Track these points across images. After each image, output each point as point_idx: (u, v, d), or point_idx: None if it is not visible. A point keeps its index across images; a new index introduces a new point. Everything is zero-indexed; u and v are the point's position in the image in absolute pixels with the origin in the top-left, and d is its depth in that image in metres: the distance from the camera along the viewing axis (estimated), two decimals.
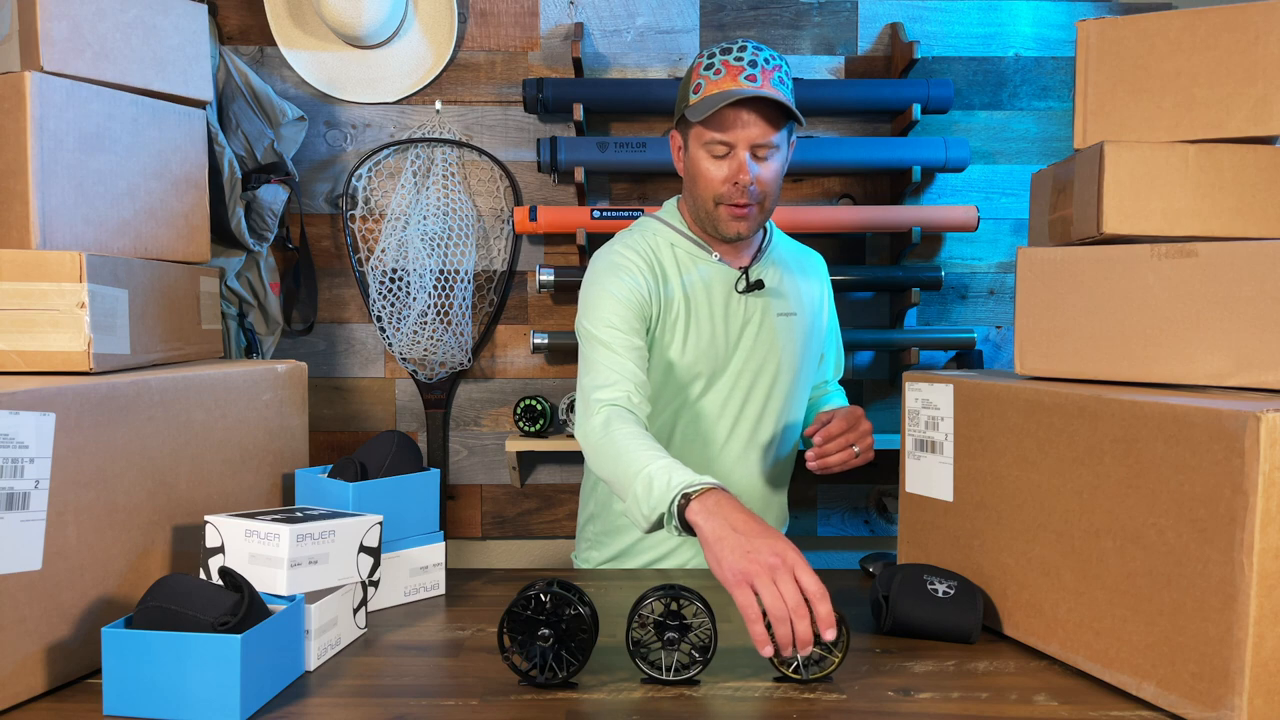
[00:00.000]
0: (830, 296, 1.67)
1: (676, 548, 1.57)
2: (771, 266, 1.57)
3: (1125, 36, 1.17)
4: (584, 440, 1.33)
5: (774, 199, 1.46)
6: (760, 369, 1.53)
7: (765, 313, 1.53)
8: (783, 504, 1.64)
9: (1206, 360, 1.05)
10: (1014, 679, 1.06)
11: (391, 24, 2.20)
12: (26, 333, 1.16)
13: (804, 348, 1.57)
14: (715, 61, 1.40)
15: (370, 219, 2.29)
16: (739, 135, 1.38)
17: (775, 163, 1.43)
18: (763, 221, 1.49)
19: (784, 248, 1.63)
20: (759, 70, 1.38)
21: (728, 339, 1.50)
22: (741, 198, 1.41)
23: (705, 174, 1.43)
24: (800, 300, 1.58)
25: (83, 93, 1.28)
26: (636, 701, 0.99)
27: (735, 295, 1.51)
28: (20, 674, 0.98)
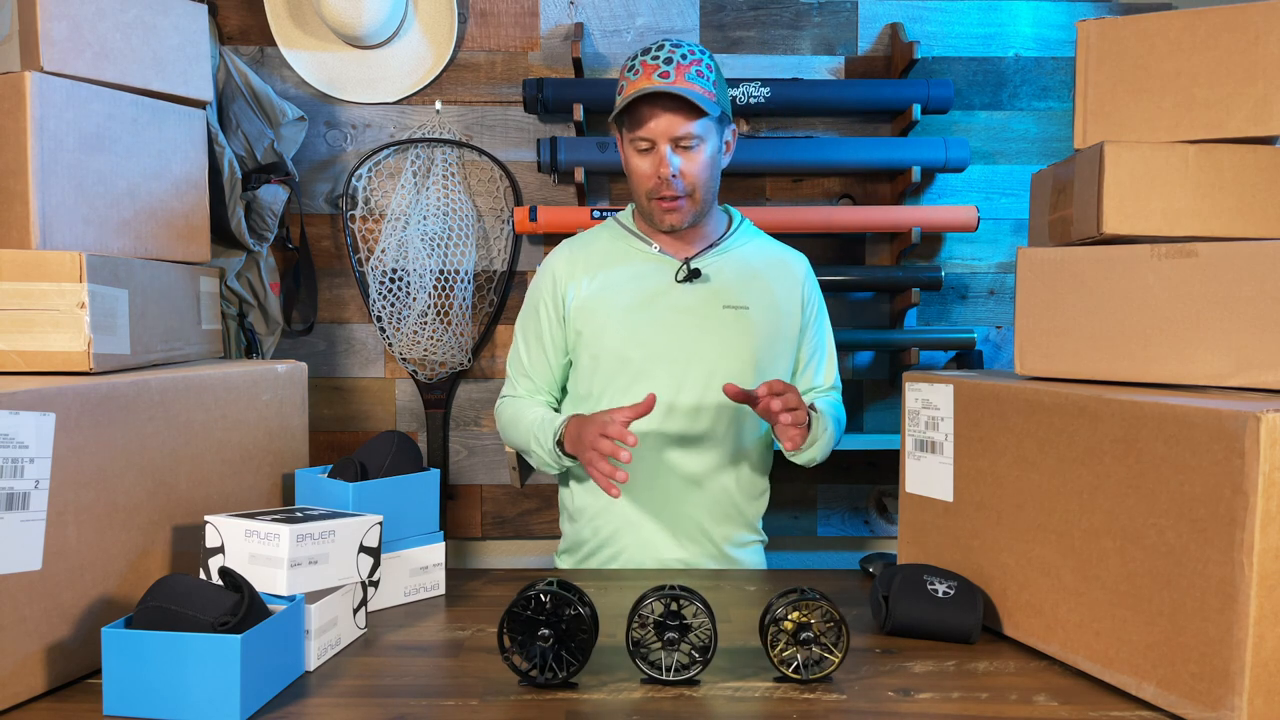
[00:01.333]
0: (811, 300, 1.64)
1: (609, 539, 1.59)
2: (724, 259, 1.59)
3: (1125, 36, 1.17)
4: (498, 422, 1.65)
5: (706, 189, 1.53)
6: (698, 358, 1.53)
7: (709, 304, 1.55)
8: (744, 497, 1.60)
9: (1206, 360, 1.05)
10: (1014, 679, 1.06)
11: (391, 24, 2.20)
12: (26, 333, 1.16)
13: (759, 343, 1.56)
14: (635, 63, 1.49)
15: (370, 219, 2.29)
16: (654, 130, 1.47)
17: (701, 154, 1.50)
18: (698, 212, 1.54)
19: (753, 245, 1.64)
20: (673, 66, 1.46)
21: (663, 329, 1.54)
22: (668, 190, 1.49)
23: (635, 170, 1.52)
24: (759, 296, 1.58)
25: (83, 93, 1.28)
26: (636, 701, 0.99)
27: (675, 286, 1.55)
28: (20, 674, 0.98)
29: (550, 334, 1.60)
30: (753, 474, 1.61)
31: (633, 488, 1.54)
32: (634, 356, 1.53)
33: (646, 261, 1.58)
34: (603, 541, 1.58)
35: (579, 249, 1.63)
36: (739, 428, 1.57)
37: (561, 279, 1.60)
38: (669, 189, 1.49)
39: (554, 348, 1.61)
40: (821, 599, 1.03)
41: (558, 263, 1.62)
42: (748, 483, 1.61)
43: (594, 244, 1.63)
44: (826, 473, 2.36)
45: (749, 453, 1.59)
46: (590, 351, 1.56)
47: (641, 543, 1.56)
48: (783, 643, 1.03)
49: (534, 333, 1.62)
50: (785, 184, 2.32)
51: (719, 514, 1.57)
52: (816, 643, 1.02)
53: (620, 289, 1.56)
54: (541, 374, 1.62)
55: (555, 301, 1.60)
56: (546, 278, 1.62)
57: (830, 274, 2.22)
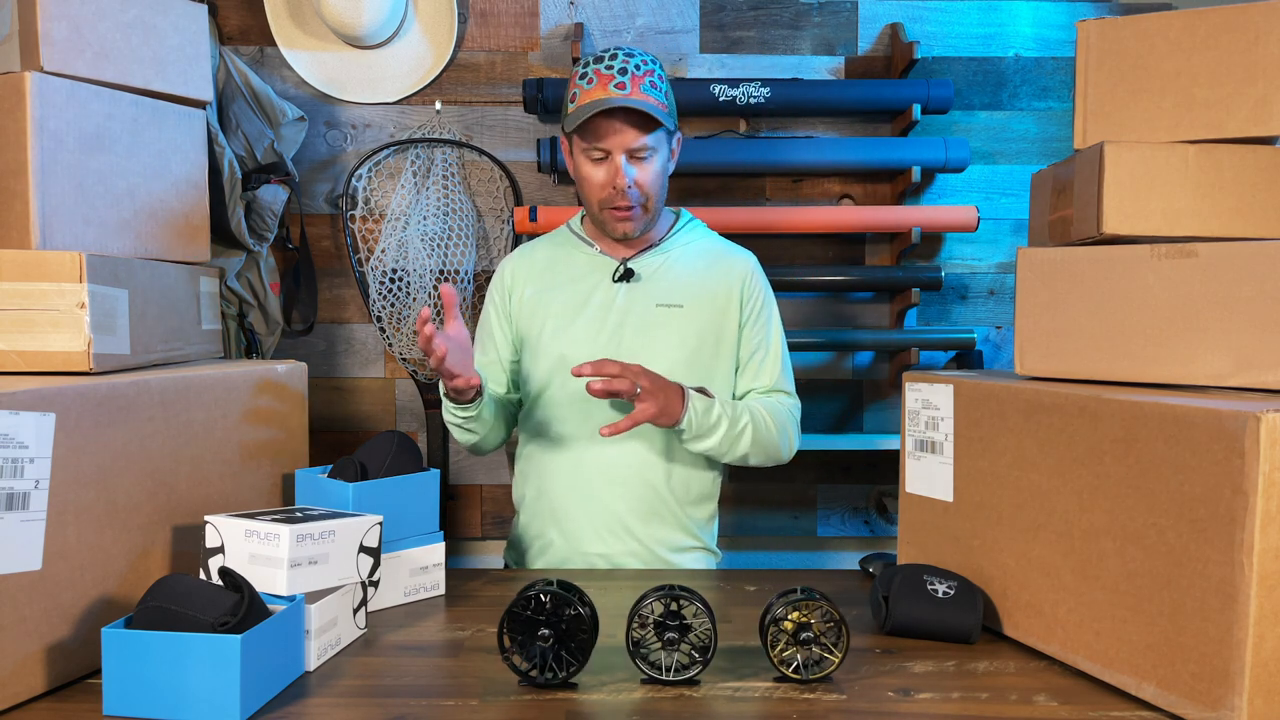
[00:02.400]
0: (751, 298, 1.62)
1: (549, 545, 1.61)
2: (661, 259, 1.61)
3: (1125, 37, 1.17)
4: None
5: (657, 198, 1.56)
6: (629, 356, 1.53)
7: (641, 302, 1.58)
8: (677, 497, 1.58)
9: (1206, 360, 1.05)
10: (1014, 679, 1.06)
11: (391, 24, 2.20)
12: (26, 333, 1.16)
13: (692, 341, 1.56)
14: (589, 70, 1.50)
15: (370, 219, 2.29)
16: (611, 142, 1.49)
17: (653, 164, 1.53)
18: (649, 221, 1.58)
19: (695, 244, 1.65)
20: (629, 77, 1.47)
21: (602, 326, 1.57)
22: (622, 200, 1.52)
23: (587, 178, 1.54)
24: (694, 295, 1.58)
25: (83, 93, 1.28)
26: (636, 701, 0.99)
27: (611, 285, 1.59)
28: (20, 674, 0.98)
29: (500, 332, 1.64)
30: (687, 475, 1.59)
31: (559, 480, 1.58)
32: (569, 353, 1.55)
33: (586, 261, 1.62)
34: (536, 533, 1.61)
35: (527, 253, 1.69)
36: None
37: (509, 280, 1.65)
38: (623, 199, 1.52)
39: (504, 345, 1.64)
40: (821, 599, 1.04)
41: (508, 266, 1.68)
42: (680, 483, 1.58)
43: (541, 249, 1.68)
44: (826, 473, 2.36)
45: (681, 453, 1.57)
46: (531, 350, 1.61)
47: (566, 535, 1.57)
48: (783, 643, 1.03)
49: (485, 332, 1.67)
50: (785, 184, 2.32)
51: (643, 511, 1.56)
52: (816, 643, 1.03)
53: (559, 290, 1.61)
54: (492, 372, 1.64)
55: (503, 299, 1.65)
56: (497, 279, 1.68)
57: (830, 274, 2.22)
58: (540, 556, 1.61)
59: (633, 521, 1.56)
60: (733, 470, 1.72)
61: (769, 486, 2.35)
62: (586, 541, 1.57)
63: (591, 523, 1.56)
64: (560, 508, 1.58)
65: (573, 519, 1.57)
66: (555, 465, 1.59)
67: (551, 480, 1.59)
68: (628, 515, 1.56)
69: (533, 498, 1.62)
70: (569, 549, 1.58)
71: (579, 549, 1.57)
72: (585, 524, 1.57)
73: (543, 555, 1.60)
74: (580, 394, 1.53)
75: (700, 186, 2.31)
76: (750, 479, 2.33)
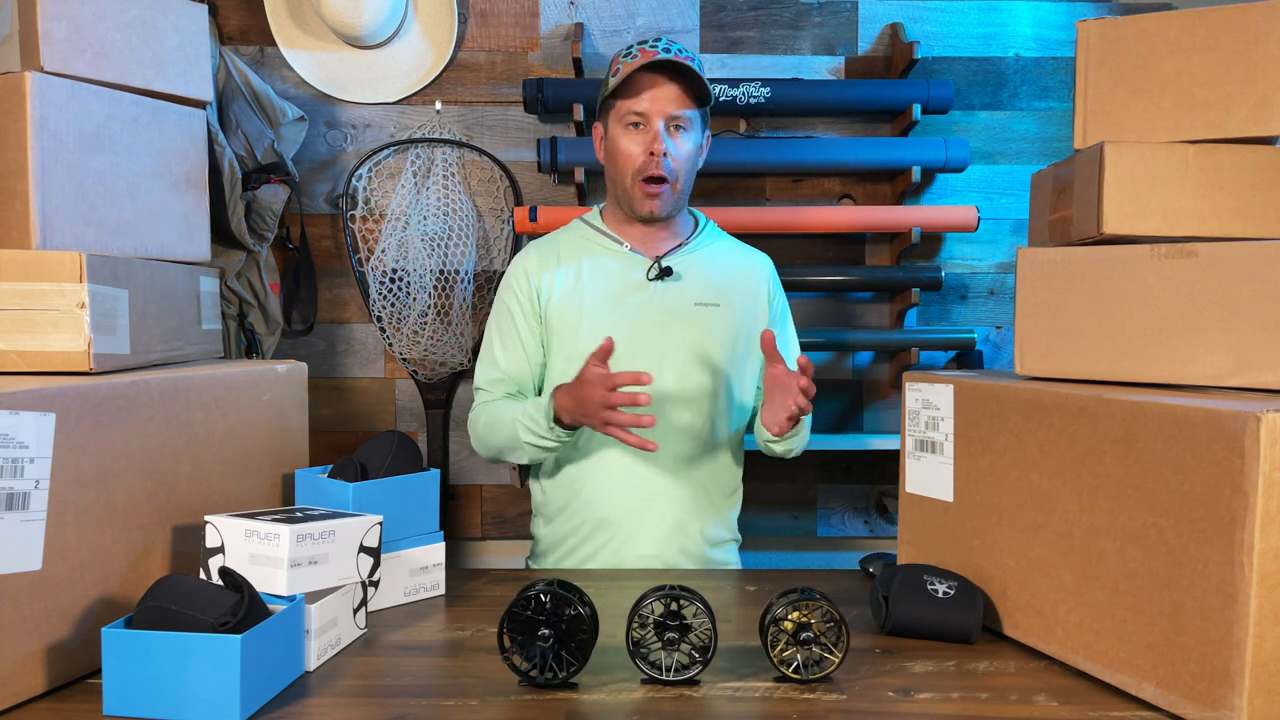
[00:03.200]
0: (776, 296, 1.66)
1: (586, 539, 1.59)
2: (693, 258, 1.61)
3: (1125, 37, 1.16)
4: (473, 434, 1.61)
5: (685, 181, 1.55)
6: (671, 355, 1.54)
7: (681, 301, 1.57)
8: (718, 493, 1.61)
9: (1206, 360, 1.05)
10: (1014, 679, 1.06)
11: (391, 24, 2.20)
12: (26, 333, 1.16)
13: (729, 340, 1.58)
14: (633, 49, 1.52)
15: (370, 219, 2.29)
16: (653, 104, 1.49)
17: (688, 142, 1.52)
18: (676, 203, 1.56)
19: (718, 244, 1.66)
20: (672, 55, 1.48)
21: (637, 326, 1.55)
22: (658, 169, 1.50)
23: (623, 150, 1.52)
24: (727, 294, 1.59)
25: (83, 93, 1.28)
26: (636, 701, 0.99)
27: (647, 284, 1.56)
28: (20, 674, 0.98)
29: (528, 331, 1.59)
30: (727, 470, 1.62)
31: (609, 485, 1.55)
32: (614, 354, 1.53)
33: (617, 259, 1.59)
34: (582, 540, 1.58)
35: (547, 246, 1.63)
36: (714, 422, 1.57)
37: (534, 275, 1.60)
38: (658, 168, 1.50)
39: (533, 345, 1.60)
40: (821, 599, 1.04)
41: (528, 261, 1.62)
42: (723, 478, 1.61)
43: (562, 243, 1.63)
44: (826, 473, 2.36)
45: (723, 448, 1.60)
46: (564, 353, 1.57)
47: (618, 542, 1.56)
48: (783, 643, 1.03)
49: (510, 332, 1.61)
50: (785, 184, 2.32)
51: (695, 509, 1.57)
52: (816, 643, 1.02)
53: (592, 287, 1.57)
54: (519, 374, 1.60)
55: (531, 298, 1.59)
56: (518, 276, 1.61)
57: (830, 274, 2.22)
58: (588, 561, 1.58)
59: (687, 520, 1.56)
60: None
61: (769, 486, 2.35)
62: (641, 544, 1.55)
63: (647, 525, 1.55)
64: (611, 513, 1.55)
65: (625, 524, 1.55)
66: (603, 470, 1.55)
67: (600, 485, 1.56)
68: (683, 515, 1.56)
69: (576, 504, 1.58)
70: (621, 553, 1.56)
71: (634, 552, 1.56)
72: (641, 527, 1.55)
73: (590, 560, 1.58)
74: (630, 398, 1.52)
75: (700, 186, 2.31)
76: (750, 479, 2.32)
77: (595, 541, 1.57)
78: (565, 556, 1.61)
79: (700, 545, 1.58)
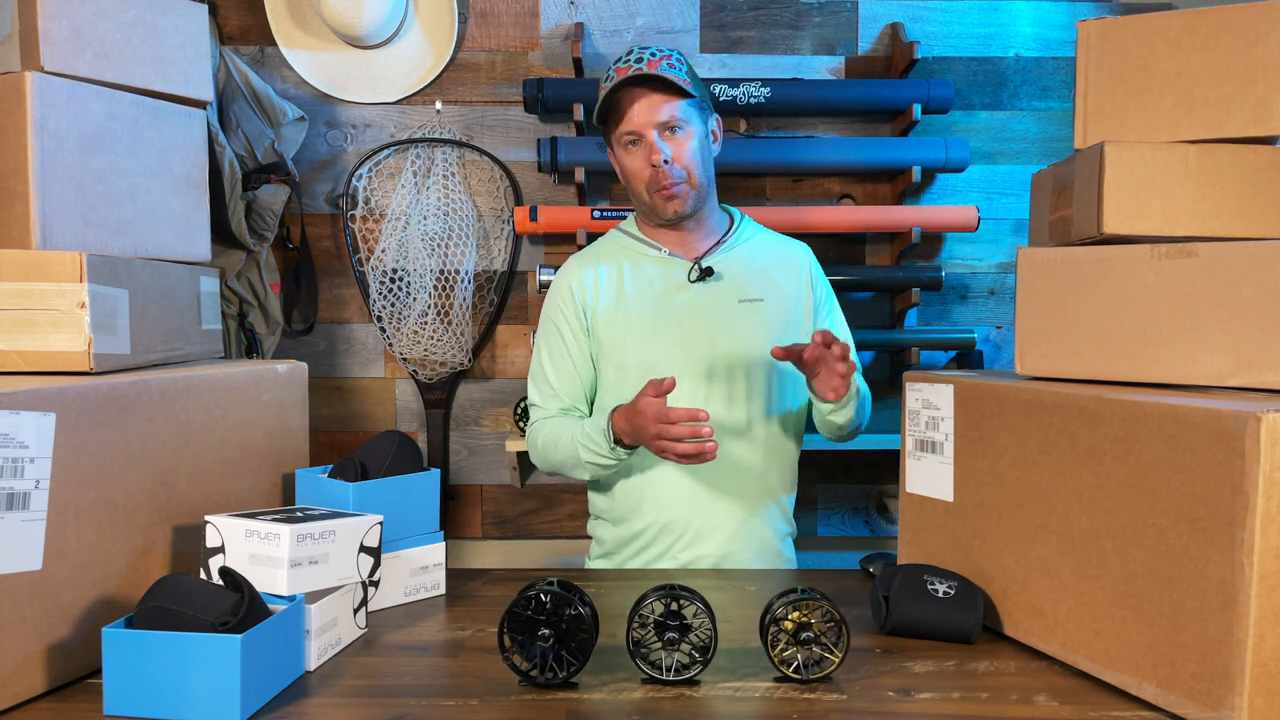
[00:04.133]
0: (818, 282, 1.67)
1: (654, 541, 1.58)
2: (732, 255, 1.61)
3: (1125, 36, 1.16)
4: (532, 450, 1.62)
5: (701, 173, 1.54)
6: (721, 353, 1.54)
7: (724, 300, 1.57)
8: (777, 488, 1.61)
9: (1206, 360, 1.05)
10: (1014, 679, 1.06)
11: (392, 24, 2.20)
12: (27, 333, 1.16)
13: (776, 332, 1.58)
14: (610, 71, 1.53)
15: (370, 219, 2.29)
16: (639, 118, 1.50)
17: (689, 140, 1.52)
18: (699, 198, 1.56)
19: (756, 239, 1.66)
20: (644, 63, 1.49)
21: (683, 329, 1.55)
22: (665, 179, 1.50)
23: (630, 169, 1.54)
24: (770, 287, 1.60)
25: (83, 93, 1.28)
26: (636, 701, 0.99)
27: (689, 286, 1.56)
28: (20, 674, 0.98)
29: (577, 347, 1.60)
30: (789, 463, 1.63)
31: (673, 490, 1.55)
32: (658, 360, 1.53)
33: (656, 265, 1.59)
34: (649, 540, 1.57)
35: (589, 260, 1.63)
36: (768, 417, 1.58)
37: (579, 290, 1.60)
38: (665, 177, 1.50)
39: (582, 360, 1.60)
40: (821, 599, 1.04)
41: (571, 276, 1.62)
42: (785, 472, 1.62)
43: (602, 254, 1.63)
44: (826, 473, 2.36)
45: (786, 441, 1.61)
46: (614, 362, 1.57)
47: (684, 543, 1.56)
48: (783, 643, 1.03)
49: (559, 350, 1.61)
50: (785, 184, 2.32)
51: (761, 506, 1.58)
52: (816, 643, 1.02)
53: (636, 295, 1.57)
54: (572, 390, 1.61)
55: (577, 313, 1.60)
56: (563, 291, 1.61)
57: (830, 274, 2.20)
58: (655, 562, 1.58)
59: (753, 518, 1.57)
60: None
61: None
62: (707, 545, 1.55)
63: (715, 524, 1.55)
64: (676, 517, 1.55)
65: (695, 523, 1.55)
66: (663, 476, 1.55)
67: (664, 491, 1.55)
68: (749, 513, 1.56)
69: (642, 508, 1.57)
70: (690, 551, 1.56)
71: (701, 550, 1.56)
72: (708, 526, 1.55)
73: (658, 561, 1.58)
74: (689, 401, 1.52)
75: None
76: None
77: (660, 545, 1.57)
78: (634, 557, 1.60)
79: (766, 541, 1.59)
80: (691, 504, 1.55)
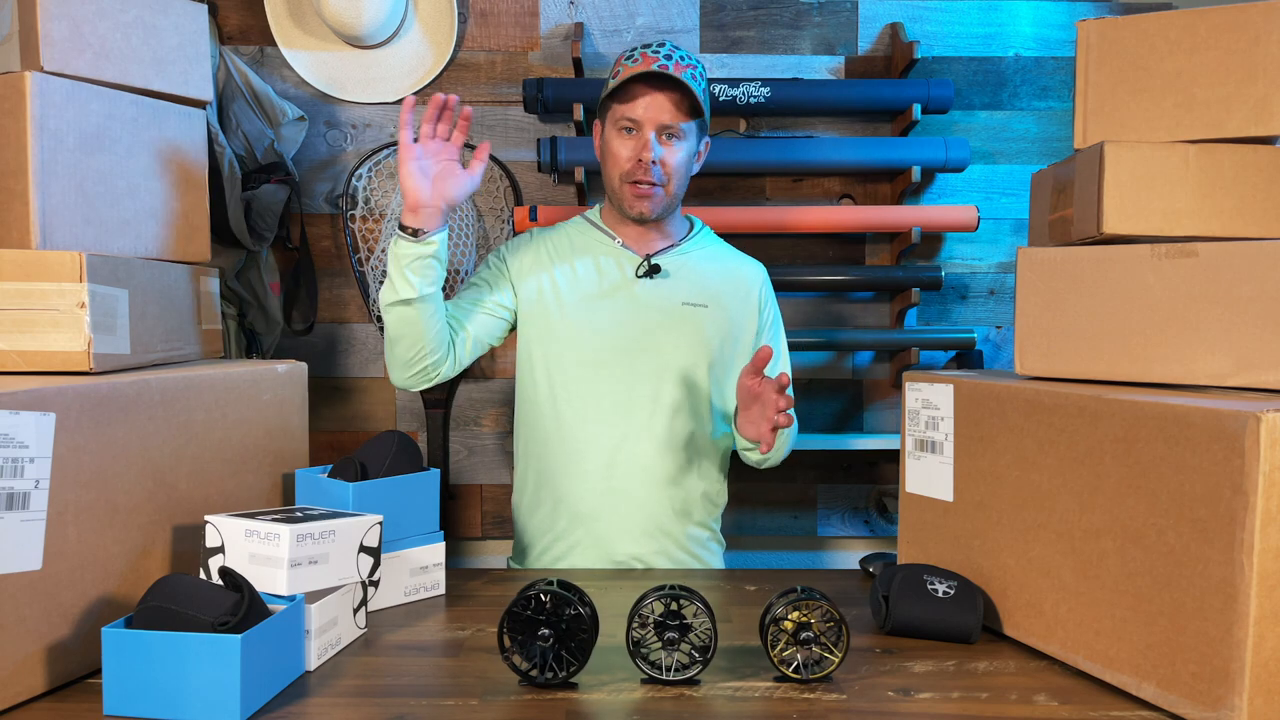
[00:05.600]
0: (767, 305, 1.67)
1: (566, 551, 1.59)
2: (684, 259, 1.62)
3: (1125, 36, 1.17)
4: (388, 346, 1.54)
5: (678, 186, 1.56)
6: (655, 351, 1.55)
7: (668, 299, 1.58)
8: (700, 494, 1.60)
9: (1206, 360, 1.05)
10: (1014, 679, 1.06)
11: (392, 24, 2.20)
12: (26, 333, 1.16)
13: (716, 342, 1.59)
14: (635, 53, 1.53)
15: (370, 219, 2.29)
16: (646, 113, 1.50)
17: (681, 151, 1.54)
18: (668, 205, 1.57)
19: (711, 248, 1.67)
20: (673, 63, 1.50)
21: (630, 320, 1.56)
22: (645, 175, 1.52)
23: (614, 152, 1.54)
24: (716, 297, 1.61)
25: (83, 93, 1.28)
26: (636, 701, 0.99)
27: (635, 280, 1.58)
28: (20, 674, 0.98)
29: (490, 281, 1.62)
30: (711, 470, 1.62)
31: (586, 481, 1.55)
32: (591, 346, 1.55)
33: (608, 254, 1.61)
34: (557, 536, 1.58)
35: (545, 234, 1.67)
36: (697, 423, 1.58)
37: (522, 248, 1.64)
38: (646, 174, 1.52)
39: (488, 291, 1.61)
40: (821, 599, 1.04)
41: (523, 237, 1.67)
42: (705, 479, 1.61)
43: (559, 233, 1.67)
44: (826, 473, 2.36)
45: (705, 448, 1.60)
46: (540, 340, 1.58)
47: (594, 539, 1.56)
48: (783, 642, 1.03)
49: (476, 278, 1.64)
50: (785, 184, 2.32)
51: (673, 509, 1.57)
52: (816, 642, 1.03)
53: (580, 279, 1.59)
54: (462, 308, 1.59)
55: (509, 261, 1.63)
56: (510, 246, 1.66)
57: (830, 274, 2.22)
58: (562, 559, 1.58)
59: (666, 520, 1.57)
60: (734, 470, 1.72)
61: (769, 486, 2.35)
62: (620, 543, 1.56)
63: (625, 524, 1.55)
64: (589, 510, 1.56)
65: (604, 521, 1.55)
66: (581, 468, 1.56)
67: (577, 483, 1.56)
68: (662, 515, 1.56)
69: (551, 501, 1.58)
70: (598, 552, 1.56)
71: (608, 551, 1.56)
72: (619, 526, 1.55)
73: (565, 558, 1.58)
74: (614, 395, 1.54)
75: (700, 186, 2.31)
76: (751, 479, 2.33)
77: (571, 538, 1.57)
78: (543, 554, 1.61)
79: (684, 544, 1.59)
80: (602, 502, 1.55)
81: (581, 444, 1.56)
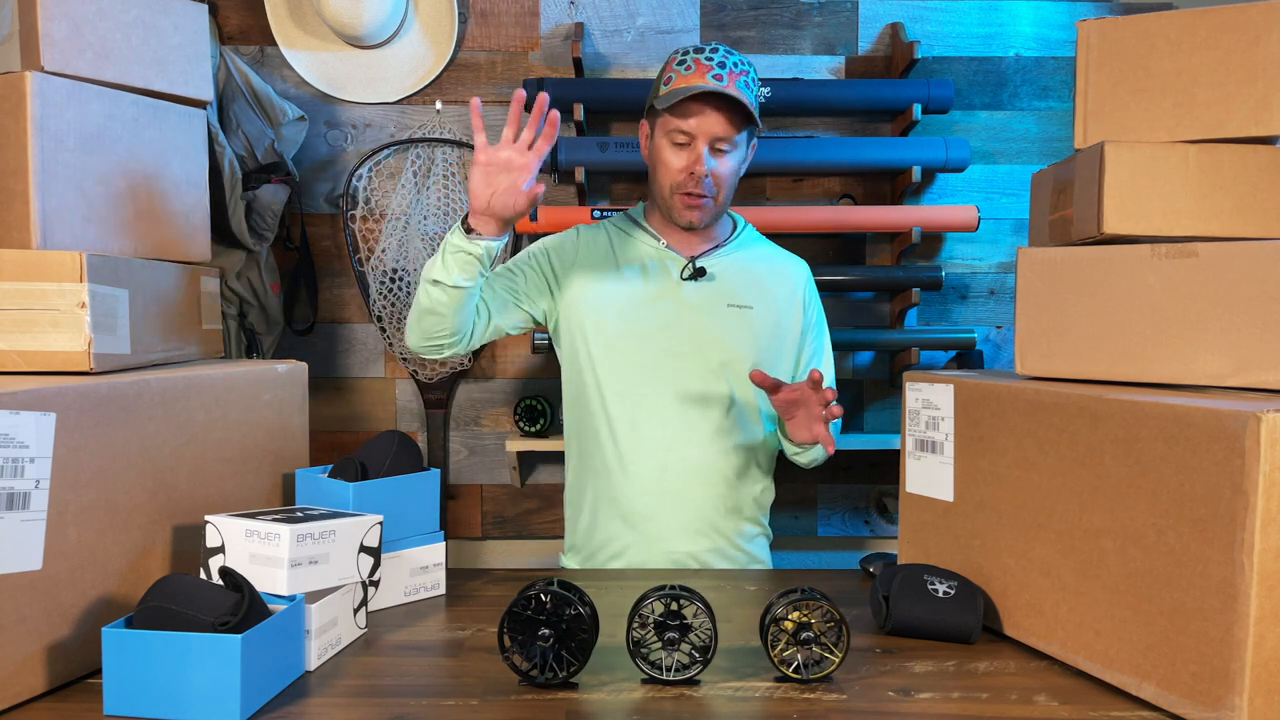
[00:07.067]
0: (811, 304, 1.67)
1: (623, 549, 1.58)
2: (729, 260, 1.62)
3: (1125, 36, 1.16)
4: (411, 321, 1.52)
5: (727, 195, 1.56)
6: (702, 353, 1.55)
7: (714, 301, 1.58)
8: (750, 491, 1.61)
9: (1206, 360, 1.05)
10: (1014, 679, 1.06)
11: (392, 24, 2.20)
12: (27, 333, 1.16)
13: (762, 342, 1.58)
14: (688, 59, 1.51)
15: (370, 219, 2.29)
16: (699, 127, 1.49)
17: (732, 161, 1.53)
18: (717, 214, 1.57)
19: (756, 247, 1.67)
20: (726, 71, 1.48)
21: (676, 323, 1.56)
22: (696, 188, 1.51)
23: (665, 162, 1.53)
24: (761, 297, 1.60)
25: (83, 93, 1.28)
26: (636, 701, 0.99)
27: (681, 282, 1.58)
28: (20, 674, 0.98)
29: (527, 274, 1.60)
30: (758, 468, 1.62)
31: (638, 482, 1.55)
32: (637, 348, 1.55)
33: (652, 256, 1.61)
34: (609, 536, 1.58)
35: (590, 232, 1.66)
36: (744, 422, 1.58)
37: (568, 248, 1.62)
38: (698, 187, 1.51)
39: (523, 282, 1.59)
40: (821, 599, 1.04)
41: (569, 236, 1.65)
42: (753, 477, 1.62)
43: (604, 233, 1.66)
44: (826, 473, 2.36)
45: (754, 447, 1.61)
46: (590, 344, 1.57)
47: (647, 538, 1.56)
48: (783, 643, 1.03)
49: (515, 264, 1.62)
50: (785, 184, 2.32)
51: (725, 508, 1.58)
52: (817, 643, 1.03)
53: (625, 281, 1.59)
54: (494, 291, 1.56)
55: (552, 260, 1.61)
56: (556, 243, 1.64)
57: (830, 274, 2.22)
58: (617, 559, 1.58)
59: (717, 518, 1.57)
60: None
61: None
62: (672, 542, 1.56)
63: (679, 524, 1.55)
64: (643, 511, 1.55)
65: (657, 521, 1.55)
66: (634, 469, 1.55)
67: (630, 484, 1.56)
68: (713, 513, 1.57)
69: (605, 501, 1.58)
70: (650, 550, 1.56)
71: (663, 549, 1.56)
72: (673, 526, 1.55)
73: (619, 558, 1.58)
74: (663, 398, 1.54)
75: None
76: None
77: (623, 539, 1.57)
78: (596, 552, 1.60)
79: (735, 541, 1.59)
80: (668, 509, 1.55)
81: (633, 446, 1.56)
